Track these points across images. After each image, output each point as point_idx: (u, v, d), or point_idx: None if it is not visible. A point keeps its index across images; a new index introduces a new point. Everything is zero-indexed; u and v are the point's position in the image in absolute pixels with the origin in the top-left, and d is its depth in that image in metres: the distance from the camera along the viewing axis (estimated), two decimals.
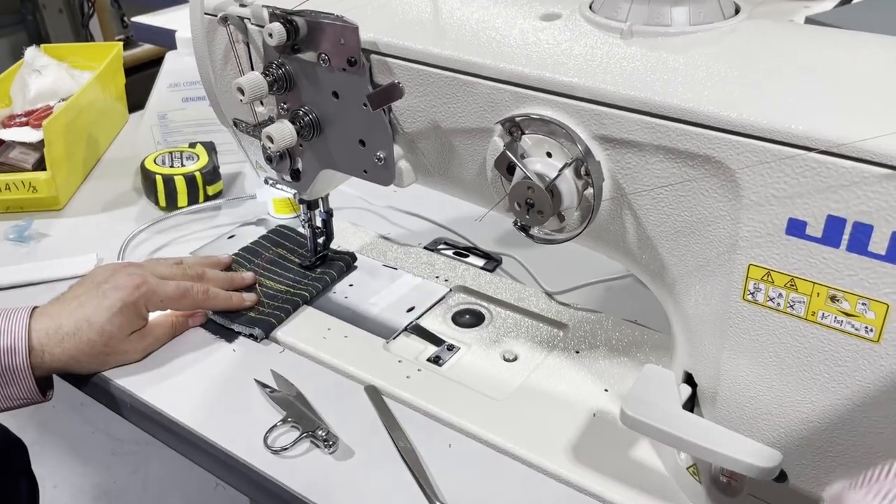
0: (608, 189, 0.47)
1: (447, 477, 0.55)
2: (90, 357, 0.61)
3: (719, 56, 0.44)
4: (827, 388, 0.43)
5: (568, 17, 0.50)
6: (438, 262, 0.79)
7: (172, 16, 1.49)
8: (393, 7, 0.56)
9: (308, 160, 0.63)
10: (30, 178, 0.88)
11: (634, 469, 0.55)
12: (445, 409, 0.60)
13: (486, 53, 0.49)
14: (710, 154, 0.42)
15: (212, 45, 0.64)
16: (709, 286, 0.45)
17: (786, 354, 0.43)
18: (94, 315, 0.61)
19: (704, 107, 0.41)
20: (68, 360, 0.61)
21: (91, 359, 0.61)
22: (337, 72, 0.55)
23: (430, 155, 0.56)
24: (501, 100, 0.49)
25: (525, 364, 0.65)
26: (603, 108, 0.45)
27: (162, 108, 0.95)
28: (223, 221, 0.88)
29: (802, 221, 0.40)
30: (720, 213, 0.43)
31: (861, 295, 0.39)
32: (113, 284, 0.63)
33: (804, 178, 0.39)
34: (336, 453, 0.57)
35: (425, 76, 0.52)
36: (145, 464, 1.59)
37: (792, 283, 0.41)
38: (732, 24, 0.46)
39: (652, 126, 0.43)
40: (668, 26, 0.46)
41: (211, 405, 0.62)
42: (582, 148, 0.46)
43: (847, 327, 0.41)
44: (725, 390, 0.47)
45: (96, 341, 0.61)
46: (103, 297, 0.62)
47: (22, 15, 2.85)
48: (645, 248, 0.48)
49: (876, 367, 0.40)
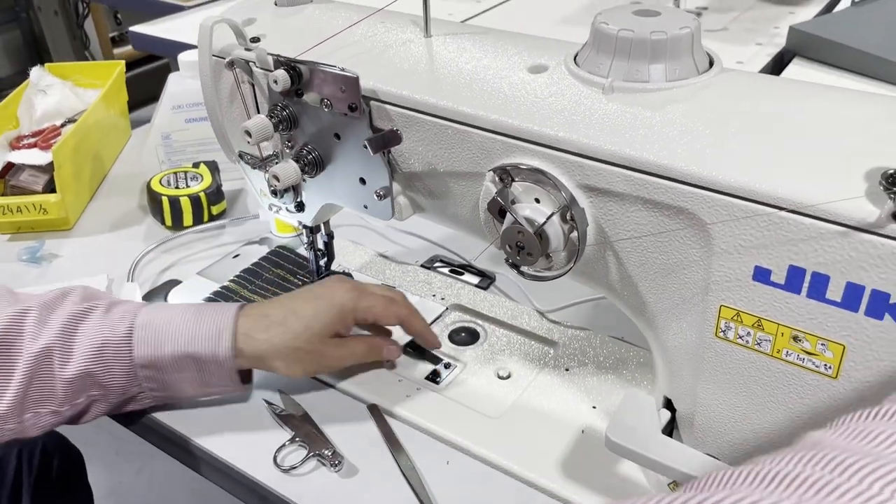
0: (592, 233, 0.51)
1: (446, 493, 0.59)
2: (290, 350, 0.63)
3: (692, 113, 0.47)
4: (792, 417, 0.47)
5: (554, 69, 0.53)
6: (435, 280, 0.83)
7: (169, 25, 1.52)
8: (390, 56, 0.59)
9: (311, 193, 0.67)
10: (40, 200, 0.91)
11: (620, 484, 0.59)
12: (443, 427, 0.64)
13: (479, 105, 0.53)
14: (683, 206, 0.45)
15: (218, 84, 0.67)
16: (685, 322, 0.50)
17: (755, 386, 0.48)
18: (301, 308, 0.64)
19: (678, 163, 0.45)
20: (269, 349, 0.62)
21: (291, 352, 0.63)
22: (338, 116, 0.59)
23: (427, 193, 0.60)
24: (493, 148, 0.52)
25: (518, 381, 0.69)
26: (586, 160, 0.48)
27: (166, 129, 0.99)
28: (227, 240, 0.92)
29: (767, 269, 0.44)
30: (694, 259, 0.47)
31: (820, 336, 0.43)
32: (327, 287, 0.66)
33: (769, 232, 0.43)
34: (341, 471, 0.61)
35: (422, 123, 0.56)
36: (150, 463, 1.63)
37: (759, 323, 0.45)
38: (706, 79, 0.50)
39: (630, 178, 0.47)
40: (646, 82, 0.49)
41: (223, 424, 0.66)
42: (567, 196, 0.50)
43: (809, 364, 0.45)
44: (701, 416, 0.51)
45: (300, 334, 0.63)
46: (314, 296, 0.65)
47: (15, 13, 2.86)
48: (626, 286, 0.52)
49: (835, 401, 0.45)
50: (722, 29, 1.33)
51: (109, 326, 0.61)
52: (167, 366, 0.62)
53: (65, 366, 0.60)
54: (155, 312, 0.63)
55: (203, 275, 0.85)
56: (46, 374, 0.60)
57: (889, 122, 0.45)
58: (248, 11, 0.68)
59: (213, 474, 0.65)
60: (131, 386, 0.62)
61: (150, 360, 0.61)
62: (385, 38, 0.62)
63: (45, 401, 0.60)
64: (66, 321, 0.61)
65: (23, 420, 0.60)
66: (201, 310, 0.64)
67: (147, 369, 0.62)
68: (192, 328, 0.62)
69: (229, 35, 0.64)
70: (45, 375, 0.60)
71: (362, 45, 0.61)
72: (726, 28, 1.33)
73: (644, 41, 0.49)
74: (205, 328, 0.62)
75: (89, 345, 0.60)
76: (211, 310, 0.64)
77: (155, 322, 0.62)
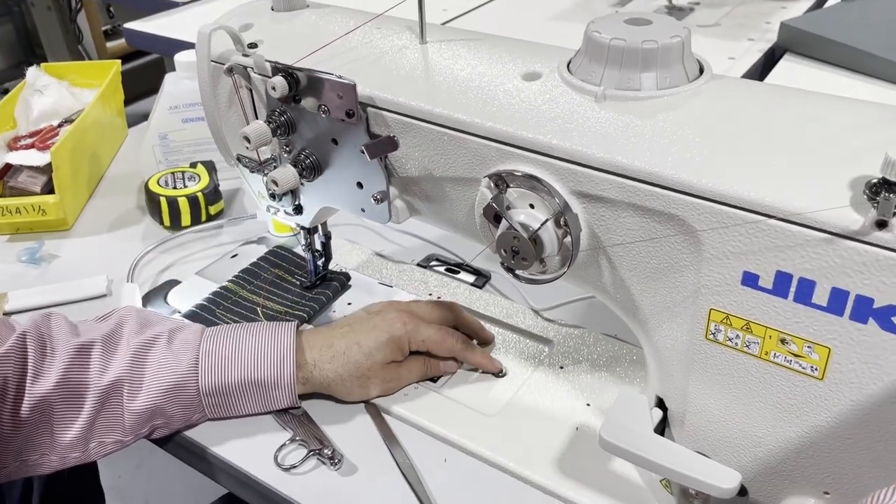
0: (585, 238, 0.52)
1: (443, 490, 0.61)
2: (353, 378, 0.66)
3: (682, 121, 0.49)
4: (779, 417, 0.48)
5: (547, 76, 0.54)
6: (431, 279, 0.84)
7: (164, 21, 1.52)
8: (386, 63, 0.60)
9: (309, 197, 0.68)
10: (39, 201, 0.92)
11: (614, 481, 0.60)
12: (441, 426, 0.65)
13: (474, 112, 0.54)
14: (673, 213, 0.47)
15: (217, 90, 0.68)
16: (676, 325, 0.51)
17: (744, 387, 0.49)
18: (363, 339, 0.66)
19: (668, 171, 0.46)
20: (335, 378, 0.66)
21: (353, 380, 0.66)
22: (336, 122, 0.60)
23: (424, 198, 0.61)
24: (488, 155, 0.54)
25: (513, 379, 0.71)
26: (579, 167, 0.49)
27: (163, 129, 0.99)
28: (225, 240, 0.93)
29: (755, 275, 0.45)
30: (685, 263, 0.48)
31: (807, 339, 0.45)
32: (383, 318, 0.68)
33: (756, 238, 0.44)
34: (341, 469, 0.63)
35: (418, 129, 0.57)
36: (149, 458, 1.64)
37: (747, 326, 0.47)
38: (696, 86, 0.51)
39: (622, 186, 0.48)
40: (637, 91, 0.51)
41: (224, 424, 0.67)
42: (560, 202, 0.51)
43: (796, 366, 0.46)
44: (692, 415, 0.53)
45: (362, 363, 0.66)
46: (373, 327, 0.67)
47: (8, 7, 2.86)
48: (619, 289, 0.53)
49: (821, 401, 0.46)
50: (714, 24, 1.34)
51: (174, 359, 0.64)
52: (231, 392, 0.65)
53: (133, 400, 0.63)
54: (217, 340, 0.65)
55: (202, 275, 0.85)
56: (115, 407, 0.63)
57: (875, 130, 0.46)
58: (245, 17, 0.69)
59: (214, 473, 0.66)
60: (194, 413, 0.65)
61: (215, 389, 0.64)
62: (381, 44, 0.62)
63: (112, 431, 0.63)
64: (133, 355, 0.63)
65: (88, 449, 0.63)
66: (262, 335, 0.66)
67: (211, 397, 0.64)
68: (255, 356, 0.65)
69: (227, 40, 0.65)
70: (113, 408, 0.63)
71: (358, 52, 0.62)
72: (718, 23, 1.34)
73: (636, 50, 0.50)
74: (268, 356, 0.65)
75: (156, 379, 0.63)
76: (271, 335, 0.66)
77: (218, 351, 0.65)
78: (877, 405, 0.44)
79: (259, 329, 0.67)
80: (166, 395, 0.63)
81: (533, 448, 0.63)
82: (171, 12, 1.56)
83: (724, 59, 1.20)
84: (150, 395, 0.63)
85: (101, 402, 0.62)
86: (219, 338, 0.65)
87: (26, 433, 0.61)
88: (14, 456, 0.61)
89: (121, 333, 0.65)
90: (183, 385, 0.63)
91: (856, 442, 0.46)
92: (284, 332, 0.66)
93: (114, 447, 0.64)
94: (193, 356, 0.64)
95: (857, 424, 0.45)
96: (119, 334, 0.65)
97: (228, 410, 0.66)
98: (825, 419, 0.46)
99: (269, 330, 0.66)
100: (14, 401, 0.60)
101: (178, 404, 0.64)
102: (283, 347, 0.65)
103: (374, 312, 0.70)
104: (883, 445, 0.45)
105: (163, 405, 0.63)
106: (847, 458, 0.47)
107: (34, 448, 0.62)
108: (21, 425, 0.61)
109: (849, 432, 0.46)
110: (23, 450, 0.61)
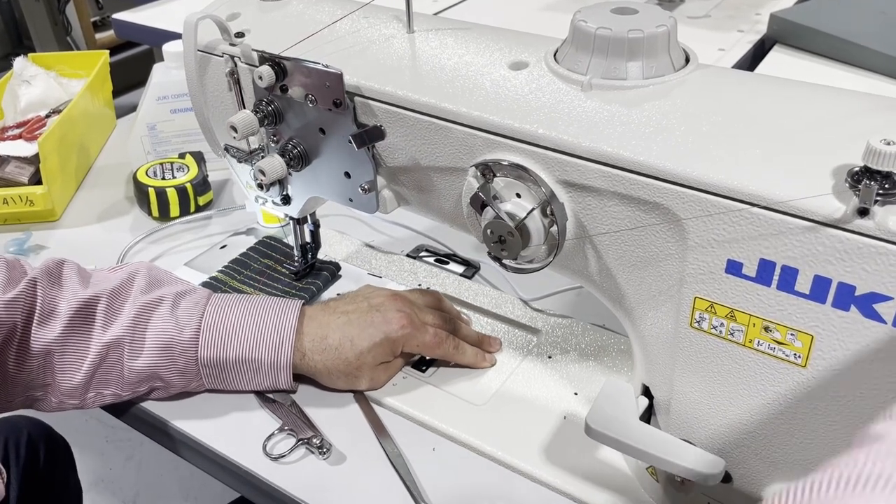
0: (571, 227, 0.52)
1: (432, 479, 0.61)
2: (340, 373, 0.66)
3: (668, 110, 0.49)
4: (763, 404, 0.49)
5: (534, 66, 0.54)
6: (420, 269, 0.84)
7: (152, 12, 1.51)
8: (374, 52, 0.60)
9: (297, 187, 0.68)
10: (27, 192, 0.92)
11: (601, 469, 0.61)
12: (429, 415, 0.66)
13: (461, 101, 0.54)
14: (658, 201, 0.47)
15: (204, 79, 0.68)
16: (661, 313, 0.51)
17: (728, 374, 0.49)
18: (357, 338, 0.66)
19: (653, 159, 0.46)
20: (322, 370, 0.66)
21: (340, 375, 0.67)
22: (323, 111, 0.60)
23: (411, 187, 0.61)
24: (475, 144, 0.54)
25: (502, 369, 0.71)
26: (565, 156, 0.50)
27: (151, 120, 0.99)
28: (214, 231, 0.92)
29: (739, 262, 0.45)
30: (670, 252, 0.48)
31: (790, 327, 0.45)
32: (383, 316, 0.67)
33: (740, 227, 0.44)
34: (330, 459, 0.63)
35: (405, 119, 0.57)
36: (139, 450, 1.64)
37: (732, 314, 0.47)
38: (682, 76, 0.51)
39: (608, 174, 0.48)
40: (623, 80, 0.51)
41: (212, 414, 0.67)
42: (547, 191, 0.51)
43: (779, 353, 0.46)
44: (677, 402, 0.53)
45: (351, 362, 0.66)
46: (370, 324, 0.67)
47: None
48: (605, 278, 0.53)
49: (804, 388, 0.46)
50: (704, 16, 1.34)
51: (176, 325, 0.64)
52: (229, 366, 0.65)
53: (133, 359, 0.64)
54: (221, 310, 0.66)
55: (191, 266, 0.85)
56: (115, 363, 0.64)
57: (858, 119, 0.47)
58: (232, 6, 0.68)
59: (203, 463, 0.66)
60: (192, 381, 0.66)
61: (214, 361, 0.65)
62: (368, 33, 0.62)
63: (110, 385, 0.65)
64: (136, 315, 0.64)
65: (85, 398, 0.65)
66: (264, 314, 0.66)
67: (209, 367, 0.65)
68: (255, 335, 0.65)
69: (214, 30, 0.65)
70: (113, 364, 0.64)
71: (346, 41, 0.62)
72: (708, 15, 1.35)
73: (621, 39, 0.50)
74: (267, 336, 0.65)
75: (157, 342, 0.64)
76: (274, 314, 0.66)
77: (220, 325, 0.65)
78: (858, 391, 0.45)
79: (264, 306, 0.67)
80: (166, 360, 0.64)
81: (521, 437, 0.63)
82: (160, 3, 1.55)
83: (713, 50, 1.20)
84: (150, 358, 0.64)
85: (102, 358, 0.63)
86: (223, 308, 0.66)
87: (31, 373, 0.63)
88: (21, 391, 0.64)
89: (129, 291, 0.65)
90: (183, 353, 0.64)
91: (839, 428, 0.47)
92: (288, 314, 0.66)
93: (111, 399, 0.65)
94: (196, 325, 0.64)
95: (839, 411, 0.46)
96: (127, 291, 0.65)
97: (225, 384, 0.67)
98: (808, 406, 0.47)
99: (274, 309, 0.66)
100: (20, 343, 0.62)
101: (178, 370, 0.65)
102: (283, 329, 0.66)
103: (374, 305, 0.69)
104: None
105: (162, 369, 0.64)
106: (830, 443, 0.47)
107: (37, 387, 0.64)
108: (26, 366, 0.62)
109: (831, 418, 0.46)
110: (28, 386, 0.63)
